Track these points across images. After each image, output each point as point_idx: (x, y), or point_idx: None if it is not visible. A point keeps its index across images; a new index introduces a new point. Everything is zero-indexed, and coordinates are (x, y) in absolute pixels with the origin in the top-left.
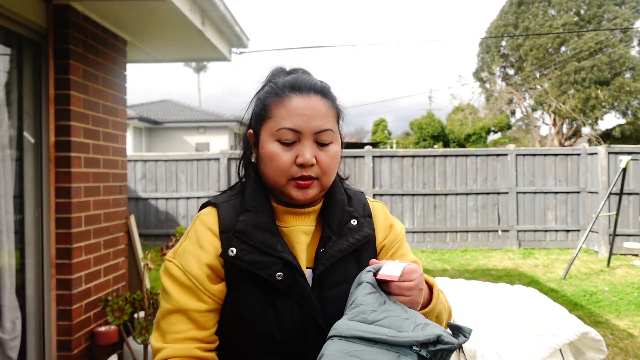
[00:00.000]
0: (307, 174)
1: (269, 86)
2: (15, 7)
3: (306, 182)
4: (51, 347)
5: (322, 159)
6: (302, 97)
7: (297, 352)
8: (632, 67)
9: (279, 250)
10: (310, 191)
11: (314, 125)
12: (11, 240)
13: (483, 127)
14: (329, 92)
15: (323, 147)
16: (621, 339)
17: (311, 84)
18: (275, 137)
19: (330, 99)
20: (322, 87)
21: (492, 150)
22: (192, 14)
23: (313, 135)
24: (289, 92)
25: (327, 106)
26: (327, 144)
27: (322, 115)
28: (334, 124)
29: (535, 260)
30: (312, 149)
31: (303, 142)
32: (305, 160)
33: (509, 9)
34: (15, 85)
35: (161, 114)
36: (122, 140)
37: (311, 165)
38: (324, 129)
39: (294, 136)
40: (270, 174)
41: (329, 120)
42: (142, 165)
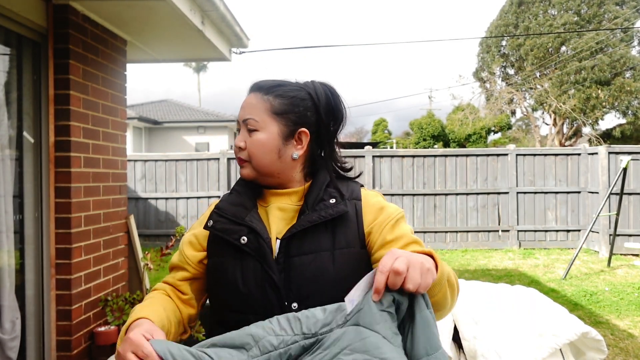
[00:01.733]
0: (238, 156)
1: None
2: (15, 7)
3: (241, 163)
4: (51, 347)
5: (248, 144)
6: (247, 96)
7: (257, 308)
8: (632, 67)
9: (246, 220)
10: (244, 171)
11: (241, 115)
12: (11, 240)
13: (483, 127)
14: (266, 88)
15: (250, 134)
16: (621, 339)
17: (257, 84)
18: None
19: (266, 94)
20: (263, 85)
21: (492, 150)
22: (192, 13)
23: (243, 124)
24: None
25: (257, 100)
26: (252, 130)
27: (249, 107)
28: (260, 115)
29: (535, 261)
30: (243, 135)
31: (241, 129)
32: (235, 144)
33: (509, 9)
34: (15, 85)
35: (161, 114)
36: (122, 140)
37: (240, 149)
38: (246, 117)
39: (238, 125)
40: None
41: (255, 112)
42: (142, 165)
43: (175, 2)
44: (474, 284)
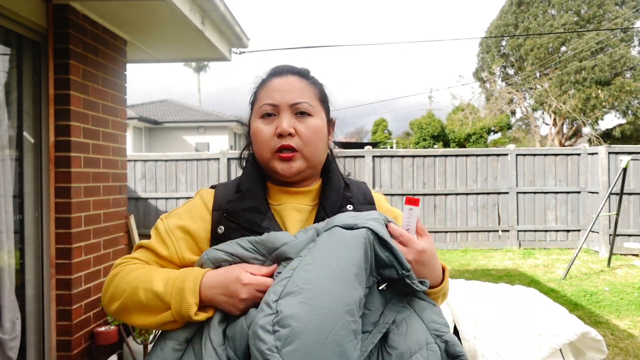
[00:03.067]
0: (287, 143)
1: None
2: (15, 7)
3: (288, 155)
4: (51, 347)
5: (300, 129)
6: (280, 78)
7: None
8: (632, 67)
9: (263, 226)
10: (293, 164)
11: (289, 98)
12: (11, 240)
13: (483, 127)
14: (307, 74)
15: (302, 119)
16: (621, 339)
17: (289, 67)
18: (258, 115)
19: (308, 79)
20: (300, 70)
21: (492, 150)
22: (192, 13)
23: (290, 108)
24: (270, 77)
25: (304, 84)
26: (306, 115)
27: (297, 90)
28: (312, 100)
29: (535, 260)
30: (290, 119)
31: (281, 114)
32: (282, 129)
33: (509, 9)
34: (15, 85)
35: (161, 114)
36: (122, 140)
37: (290, 135)
38: (299, 101)
39: (272, 109)
40: (257, 149)
41: (306, 95)
42: (142, 165)
43: (176, 2)
44: (474, 284)
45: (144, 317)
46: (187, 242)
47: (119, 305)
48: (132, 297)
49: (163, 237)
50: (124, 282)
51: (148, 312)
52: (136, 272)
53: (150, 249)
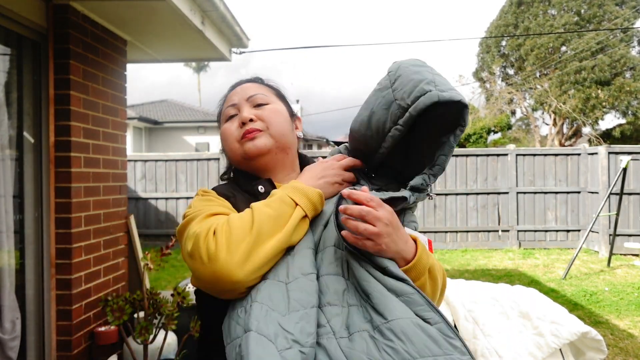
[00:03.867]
0: (249, 127)
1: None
2: (15, 7)
3: (251, 134)
4: (51, 347)
5: (260, 113)
6: (236, 88)
7: None
8: (632, 67)
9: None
10: (259, 140)
11: (244, 94)
12: (11, 240)
13: (483, 127)
14: (260, 79)
15: (261, 107)
16: (621, 339)
17: (243, 79)
18: (223, 121)
19: (262, 82)
20: (253, 77)
21: (492, 150)
22: (192, 13)
23: (247, 102)
24: (228, 92)
25: (257, 85)
26: (264, 104)
27: (252, 88)
28: (267, 93)
29: (535, 260)
30: (249, 110)
31: (241, 109)
32: (242, 117)
33: (509, 9)
34: (15, 85)
35: (161, 114)
36: (122, 140)
37: (251, 121)
38: (254, 93)
39: (234, 109)
40: (227, 148)
41: (261, 90)
42: (142, 165)
43: (176, 2)
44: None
45: (276, 234)
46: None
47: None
48: (260, 219)
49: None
50: (237, 223)
51: (280, 222)
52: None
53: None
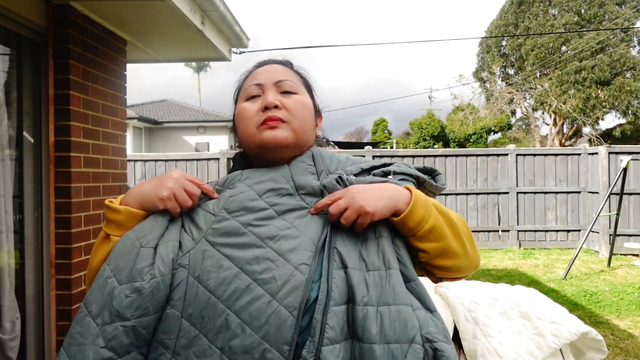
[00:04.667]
0: (273, 114)
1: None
2: (15, 7)
3: (273, 122)
4: (51, 347)
5: (287, 102)
6: (264, 66)
7: None
8: (632, 66)
9: None
10: (279, 131)
11: (274, 77)
12: (11, 240)
13: (483, 127)
14: (291, 64)
15: (288, 95)
16: (622, 339)
17: (272, 58)
18: (243, 98)
19: (292, 68)
20: (283, 60)
21: (492, 150)
22: (192, 13)
23: (275, 86)
24: (254, 67)
25: (287, 69)
26: (292, 92)
27: (282, 72)
28: (297, 82)
29: (535, 261)
30: (275, 95)
31: (266, 92)
32: (268, 101)
33: (509, 9)
34: (15, 85)
35: (161, 114)
36: (122, 140)
37: (275, 107)
38: (284, 78)
39: (257, 90)
40: (242, 129)
41: (291, 77)
42: (142, 165)
43: (175, 2)
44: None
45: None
46: None
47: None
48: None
49: None
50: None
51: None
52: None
53: None
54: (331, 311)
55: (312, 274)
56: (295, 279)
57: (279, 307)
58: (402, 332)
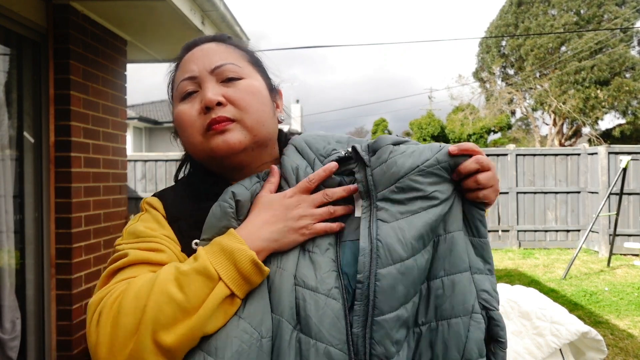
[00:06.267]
0: (217, 115)
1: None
2: (15, 7)
3: (220, 124)
4: (51, 347)
5: (231, 94)
6: (193, 49)
7: None
8: (632, 67)
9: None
10: (230, 135)
11: (207, 63)
12: (11, 240)
13: (483, 127)
14: (225, 38)
15: (230, 83)
16: (621, 339)
17: (201, 37)
18: (178, 99)
19: (229, 44)
20: (216, 35)
21: (492, 150)
22: (192, 13)
23: (212, 75)
24: (182, 53)
25: (223, 47)
26: (235, 79)
27: (215, 53)
28: (239, 61)
29: (535, 260)
30: (215, 88)
31: (203, 86)
32: (207, 100)
33: (509, 9)
34: (15, 85)
35: (161, 114)
36: (122, 140)
37: (219, 105)
38: (221, 63)
39: (192, 85)
40: (185, 139)
41: (229, 57)
42: (142, 165)
43: (176, 2)
44: None
45: (183, 320)
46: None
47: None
48: (158, 303)
49: (147, 246)
50: (129, 302)
51: (189, 307)
52: (141, 280)
53: (139, 262)
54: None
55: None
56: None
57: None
58: (461, 305)
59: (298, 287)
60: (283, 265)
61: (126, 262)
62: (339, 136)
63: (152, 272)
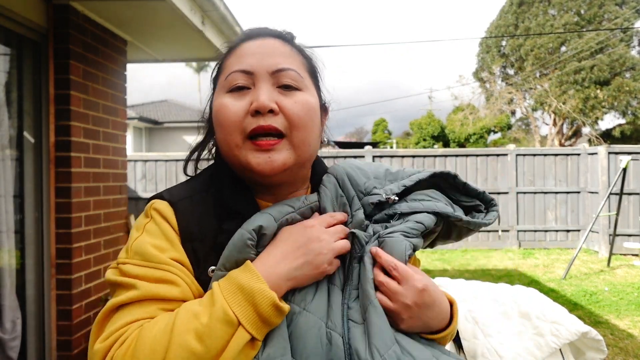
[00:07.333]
0: (267, 124)
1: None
2: (16, 7)
3: (268, 141)
4: (51, 347)
5: (286, 104)
6: (255, 40)
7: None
8: (631, 67)
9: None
10: (276, 156)
11: (270, 63)
12: (11, 240)
13: (483, 127)
14: (291, 38)
15: (287, 92)
16: (621, 339)
17: (267, 29)
18: (225, 88)
19: (293, 45)
20: (282, 32)
21: (492, 150)
22: (192, 13)
23: (270, 77)
24: (241, 41)
25: (288, 49)
26: (293, 88)
27: (280, 54)
28: (301, 70)
29: (535, 260)
30: (270, 92)
31: (258, 85)
32: (260, 103)
33: (509, 9)
34: (15, 85)
35: (161, 114)
36: (122, 140)
37: (271, 113)
38: (285, 67)
39: (245, 80)
40: (221, 136)
41: (293, 63)
42: (142, 165)
43: (176, 2)
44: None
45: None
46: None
47: None
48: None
49: (157, 276)
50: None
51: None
52: (155, 328)
53: (148, 298)
54: None
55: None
56: None
57: None
58: None
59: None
60: (307, 307)
61: (134, 297)
62: (376, 170)
63: (163, 311)
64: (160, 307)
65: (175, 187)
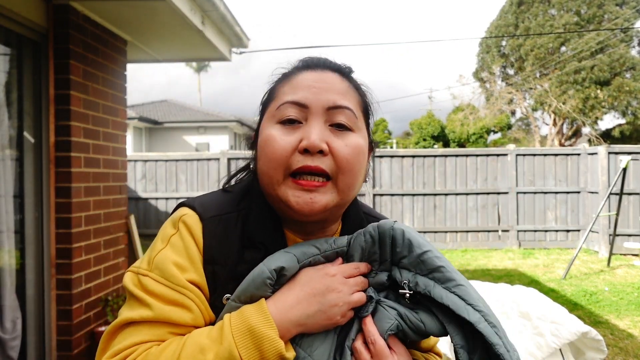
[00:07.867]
0: (314, 164)
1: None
2: (16, 7)
3: (312, 182)
4: (51, 347)
5: (337, 147)
6: (312, 71)
7: None
8: (632, 67)
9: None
10: (318, 197)
11: (326, 99)
12: (11, 240)
13: (483, 127)
14: (349, 73)
15: (339, 132)
16: (621, 339)
17: (326, 60)
18: (275, 118)
19: (351, 81)
20: (341, 66)
21: (492, 150)
22: (192, 13)
23: (325, 114)
24: (298, 70)
25: (346, 85)
26: (346, 129)
27: (338, 90)
28: (356, 109)
29: (535, 260)
30: (322, 130)
31: (310, 121)
32: (311, 143)
33: (509, 9)
34: (15, 85)
35: (161, 114)
36: (122, 140)
37: (320, 152)
38: (342, 104)
39: (298, 113)
40: (264, 167)
41: (350, 101)
42: (142, 165)
43: (176, 2)
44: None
45: None
46: (201, 299)
47: None
48: None
49: (174, 298)
50: None
51: None
52: (161, 357)
53: (167, 322)
54: None
55: None
56: None
57: None
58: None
59: None
60: (312, 354)
61: (146, 318)
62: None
63: (173, 335)
64: (170, 331)
65: (208, 198)
